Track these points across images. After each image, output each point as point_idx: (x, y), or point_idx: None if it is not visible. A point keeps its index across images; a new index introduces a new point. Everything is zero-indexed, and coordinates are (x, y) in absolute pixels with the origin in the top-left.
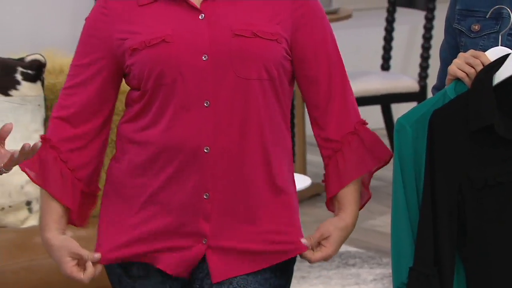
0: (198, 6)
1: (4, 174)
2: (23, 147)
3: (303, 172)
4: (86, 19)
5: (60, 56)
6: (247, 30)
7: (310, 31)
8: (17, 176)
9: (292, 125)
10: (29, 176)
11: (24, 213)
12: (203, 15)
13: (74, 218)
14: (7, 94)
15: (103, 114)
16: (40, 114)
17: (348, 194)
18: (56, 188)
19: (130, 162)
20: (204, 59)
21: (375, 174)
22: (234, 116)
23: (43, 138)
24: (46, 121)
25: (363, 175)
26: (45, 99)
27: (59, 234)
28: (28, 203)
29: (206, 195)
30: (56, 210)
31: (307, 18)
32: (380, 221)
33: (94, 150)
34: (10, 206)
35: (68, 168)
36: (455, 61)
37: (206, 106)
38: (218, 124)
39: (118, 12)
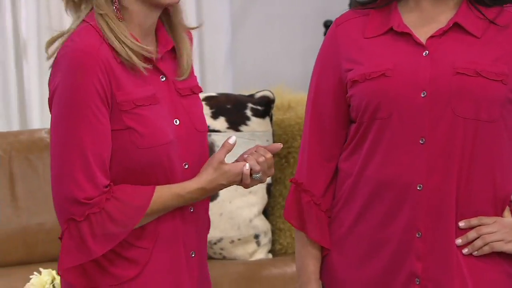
0: (424, 42)
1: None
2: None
3: None
4: (319, 51)
5: (288, 92)
6: (470, 68)
7: None
8: (246, 210)
9: None
10: (290, 222)
11: (252, 246)
12: (427, 51)
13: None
14: (237, 130)
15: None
16: None
17: None
18: (316, 233)
19: (346, 200)
20: (423, 95)
21: None
22: (450, 154)
23: (295, 182)
24: (274, 156)
25: None
26: (273, 135)
27: (319, 286)
28: (256, 237)
29: (418, 234)
30: (315, 256)
31: None
32: None
33: (334, 183)
34: (239, 239)
35: (321, 211)
36: None
37: (421, 143)
38: (433, 162)
39: (346, 40)
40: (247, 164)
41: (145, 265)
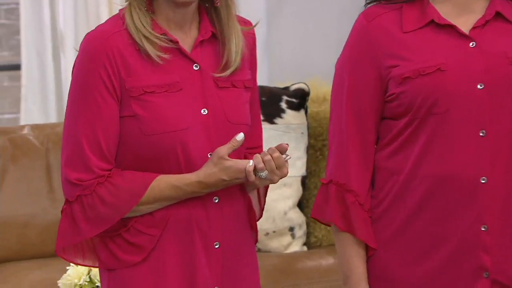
0: (467, 33)
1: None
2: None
3: None
4: (346, 42)
5: (324, 85)
6: None
7: None
8: (281, 202)
9: None
10: (335, 223)
11: (287, 238)
12: (474, 42)
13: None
14: (272, 122)
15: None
16: (303, 142)
17: None
18: (363, 233)
19: (395, 199)
20: (480, 87)
21: None
22: None
23: (336, 182)
24: (308, 149)
25: None
26: (308, 127)
27: (367, 285)
28: (291, 229)
29: (484, 227)
30: (363, 257)
31: None
32: None
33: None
34: (274, 232)
35: (364, 210)
36: None
37: (482, 136)
38: (496, 154)
39: (383, 36)
40: (251, 161)
41: (150, 251)
